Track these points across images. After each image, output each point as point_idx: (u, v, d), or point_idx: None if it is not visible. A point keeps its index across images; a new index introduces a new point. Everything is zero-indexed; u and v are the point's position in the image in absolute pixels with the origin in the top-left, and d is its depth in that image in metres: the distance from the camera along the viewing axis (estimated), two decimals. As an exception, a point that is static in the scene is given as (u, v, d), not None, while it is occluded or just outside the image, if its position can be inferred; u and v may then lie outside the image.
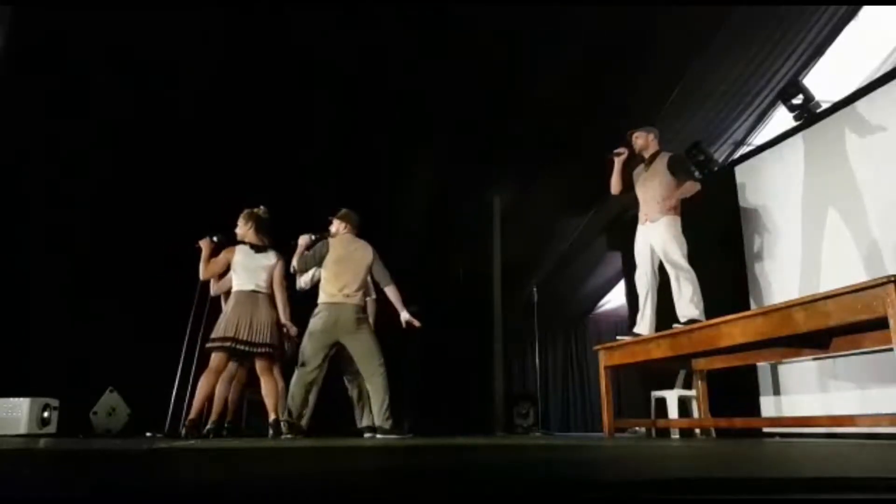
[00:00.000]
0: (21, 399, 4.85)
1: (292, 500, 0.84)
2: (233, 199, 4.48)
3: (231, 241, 4.26)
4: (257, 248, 4.18)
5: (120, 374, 5.61)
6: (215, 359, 3.94)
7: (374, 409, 3.91)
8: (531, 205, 7.20)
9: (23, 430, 4.76)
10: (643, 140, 4.33)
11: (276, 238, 4.37)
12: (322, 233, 4.30)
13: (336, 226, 4.28)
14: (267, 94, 5.38)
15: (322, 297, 4.03)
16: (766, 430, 4.71)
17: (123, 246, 5.72)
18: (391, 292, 4.14)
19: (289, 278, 4.30)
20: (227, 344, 3.91)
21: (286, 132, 5.73)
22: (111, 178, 5.57)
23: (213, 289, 4.55)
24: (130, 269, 5.73)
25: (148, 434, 4.18)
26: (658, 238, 4.10)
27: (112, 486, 0.98)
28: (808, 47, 5.70)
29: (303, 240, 4.23)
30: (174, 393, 4.49)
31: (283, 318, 4.11)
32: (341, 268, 4.04)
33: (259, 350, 3.97)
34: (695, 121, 6.29)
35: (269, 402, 4.01)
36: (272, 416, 3.97)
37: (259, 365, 4.03)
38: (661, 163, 4.23)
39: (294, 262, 4.20)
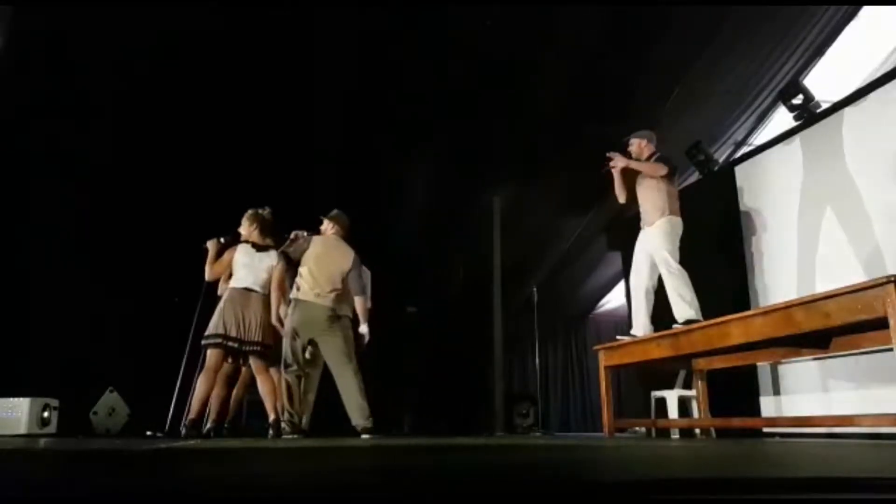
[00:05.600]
0: (21, 399, 4.86)
1: (292, 500, 0.84)
2: (232, 198, 4.49)
3: (237, 241, 4.27)
4: (259, 248, 4.19)
5: (120, 374, 5.62)
6: (211, 356, 3.95)
7: (350, 410, 3.81)
8: (531, 205, 7.20)
9: (23, 430, 4.76)
10: (636, 147, 4.35)
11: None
12: (313, 231, 4.30)
13: (325, 225, 4.29)
14: (268, 93, 5.37)
15: (293, 293, 4.00)
16: (766, 430, 4.71)
17: (123, 246, 5.71)
18: (359, 303, 4.06)
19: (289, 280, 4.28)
20: (218, 340, 3.91)
21: (286, 131, 5.73)
22: (111, 177, 5.57)
23: (221, 289, 4.54)
24: (130, 269, 5.73)
25: (148, 433, 4.18)
26: (652, 240, 4.12)
27: (112, 486, 0.98)
28: (808, 47, 5.69)
29: (295, 235, 4.24)
30: (176, 392, 4.49)
31: (273, 319, 4.07)
32: (317, 268, 4.00)
33: (250, 349, 3.97)
34: (695, 121, 6.28)
35: (267, 402, 4.00)
36: (272, 416, 3.97)
37: (254, 365, 4.04)
38: None
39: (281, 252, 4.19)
